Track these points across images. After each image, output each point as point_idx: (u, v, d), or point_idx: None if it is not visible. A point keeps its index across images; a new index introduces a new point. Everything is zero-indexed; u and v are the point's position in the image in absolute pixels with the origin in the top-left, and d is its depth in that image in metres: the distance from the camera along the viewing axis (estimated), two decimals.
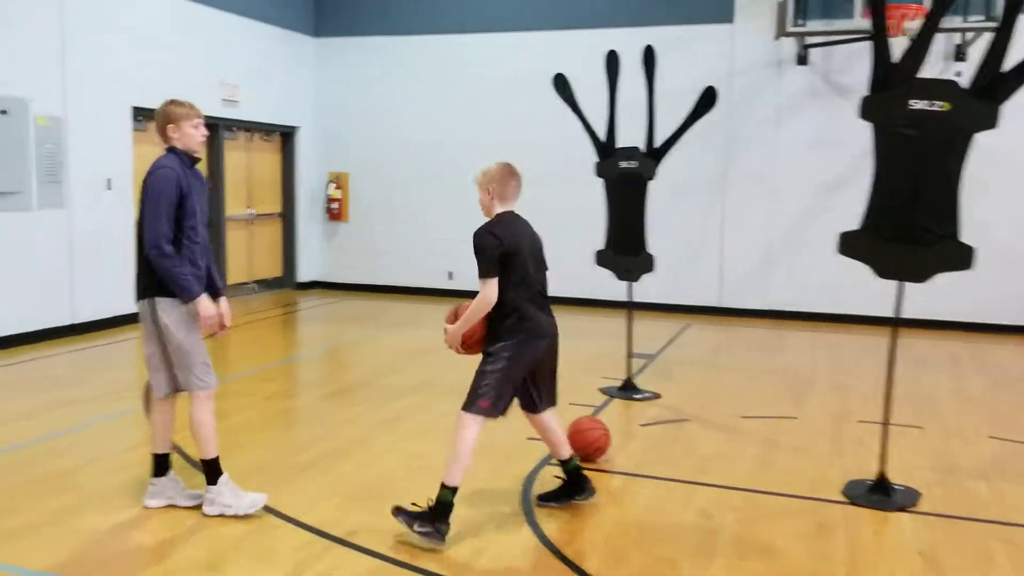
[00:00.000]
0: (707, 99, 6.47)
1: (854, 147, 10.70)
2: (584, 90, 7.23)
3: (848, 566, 3.98)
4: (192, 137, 4.24)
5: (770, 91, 10.80)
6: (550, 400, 4.47)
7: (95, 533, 4.16)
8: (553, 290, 4.42)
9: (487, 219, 4.26)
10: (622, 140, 7.01)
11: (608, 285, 11.42)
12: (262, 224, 12.34)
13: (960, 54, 10.24)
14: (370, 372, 7.86)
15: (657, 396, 6.96)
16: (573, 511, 4.57)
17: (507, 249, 4.12)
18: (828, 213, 10.86)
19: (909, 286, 4.71)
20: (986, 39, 9.84)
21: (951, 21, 9.54)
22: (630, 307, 7.20)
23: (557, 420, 4.57)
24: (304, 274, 12.91)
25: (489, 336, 4.21)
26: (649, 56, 6.72)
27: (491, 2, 11.99)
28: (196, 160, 4.32)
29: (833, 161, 10.79)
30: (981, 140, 4.43)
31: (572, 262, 11.66)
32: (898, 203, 4.53)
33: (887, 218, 4.59)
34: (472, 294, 4.23)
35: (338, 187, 12.64)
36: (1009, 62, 4.36)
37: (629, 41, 7.85)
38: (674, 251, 10.64)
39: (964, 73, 10.10)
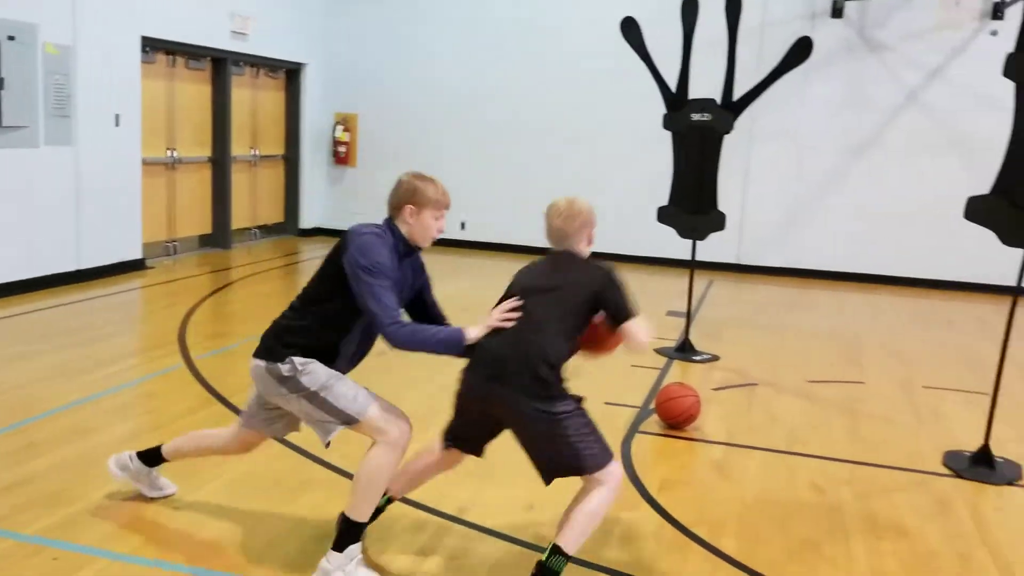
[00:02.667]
0: (800, 50, 6.14)
1: (885, 106, 10.51)
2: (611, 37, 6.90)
3: (988, 546, 3.81)
4: (428, 230, 3.37)
5: None
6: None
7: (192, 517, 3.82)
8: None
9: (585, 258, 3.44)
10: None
11: (621, 239, 11.26)
12: (265, 166, 11.79)
13: (998, 12, 10.04)
14: None
15: (716, 358, 6.75)
16: (686, 485, 4.35)
17: None
18: (854, 173, 10.70)
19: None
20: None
21: None
22: (692, 266, 6.93)
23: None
24: (307, 220, 12.40)
25: (555, 392, 3.13)
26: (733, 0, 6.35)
27: None
28: (415, 250, 3.41)
29: (862, 120, 10.57)
30: None
31: (609, 216, 11.37)
32: None
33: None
34: (484, 245, 3.44)
35: (346, 129, 12.07)
36: None
37: None
38: None
39: (999, 32, 9.94)
